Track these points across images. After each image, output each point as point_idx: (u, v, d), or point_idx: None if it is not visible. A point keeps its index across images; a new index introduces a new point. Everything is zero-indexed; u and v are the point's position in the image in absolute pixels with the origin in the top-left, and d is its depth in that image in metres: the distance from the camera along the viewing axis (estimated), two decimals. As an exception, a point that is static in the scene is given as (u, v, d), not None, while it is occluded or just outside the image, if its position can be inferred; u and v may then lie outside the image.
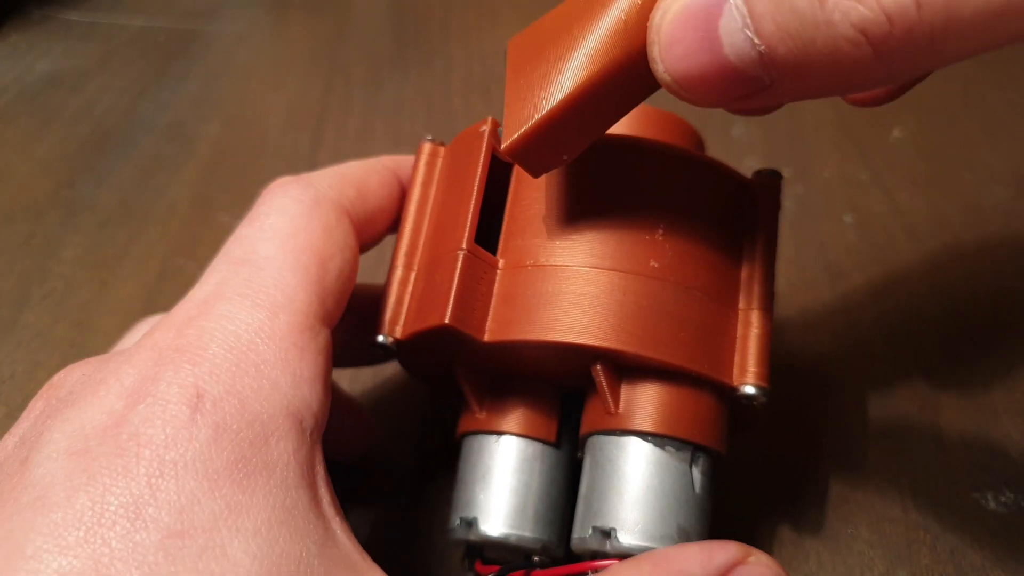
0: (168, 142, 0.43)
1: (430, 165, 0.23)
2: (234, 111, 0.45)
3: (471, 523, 0.21)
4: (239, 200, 0.39)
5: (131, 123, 0.44)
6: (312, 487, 0.17)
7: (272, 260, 0.19)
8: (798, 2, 0.12)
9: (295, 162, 0.41)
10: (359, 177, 0.22)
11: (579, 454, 0.22)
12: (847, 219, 0.35)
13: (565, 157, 0.18)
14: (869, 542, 0.24)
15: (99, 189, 0.40)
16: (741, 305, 0.21)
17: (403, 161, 0.24)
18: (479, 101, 0.45)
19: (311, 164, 0.41)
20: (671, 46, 0.14)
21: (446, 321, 0.19)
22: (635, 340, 0.19)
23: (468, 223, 0.20)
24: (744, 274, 0.21)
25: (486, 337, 0.20)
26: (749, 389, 0.20)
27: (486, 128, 0.21)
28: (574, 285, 0.19)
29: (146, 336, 0.18)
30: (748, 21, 0.13)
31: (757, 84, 0.14)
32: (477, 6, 0.54)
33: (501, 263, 0.20)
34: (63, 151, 0.42)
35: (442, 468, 0.27)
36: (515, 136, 0.17)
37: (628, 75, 0.17)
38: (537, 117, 0.17)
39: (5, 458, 0.16)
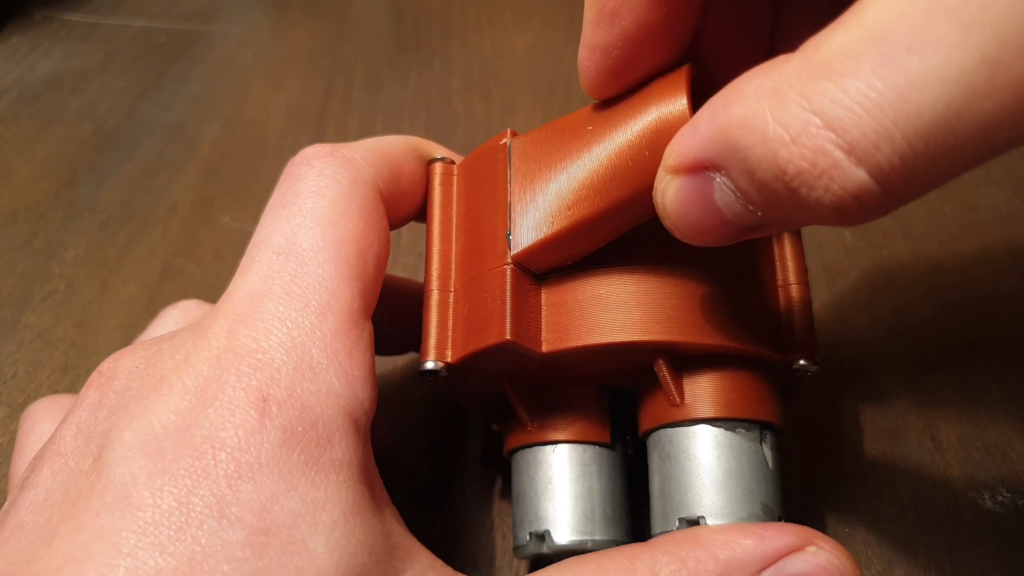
0: (169, 143, 0.43)
1: (446, 185, 0.22)
2: (235, 112, 0.46)
3: (543, 536, 0.21)
4: (240, 201, 0.39)
5: (132, 124, 0.45)
6: (370, 481, 0.17)
7: (315, 253, 0.18)
8: (775, 187, 0.13)
9: (295, 163, 0.41)
10: (396, 157, 0.22)
11: (629, 451, 0.22)
12: (845, 220, 0.35)
13: (568, 261, 0.20)
14: (866, 541, 0.24)
15: (100, 190, 0.40)
16: (780, 282, 0.21)
17: (431, 147, 0.23)
18: (479, 102, 0.45)
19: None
20: (679, 219, 0.16)
21: (507, 337, 0.19)
22: (694, 329, 0.19)
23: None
24: (777, 252, 0.22)
25: (544, 348, 0.19)
26: (803, 361, 0.20)
27: (507, 141, 0.21)
28: (625, 284, 0.20)
29: (197, 330, 0.18)
30: (738, 195, 0.14)
31: (767, 227, 0.15)
32: (477, 7, 0.54)
33: None
34: (64, 152, 0.43)
35: (442, 465, 0.27)
36: (524, 247, 0.19)
37: (631, 209, 0.18)
38: (546, 234, 0.19)
39: (70, 451, 0.17)
